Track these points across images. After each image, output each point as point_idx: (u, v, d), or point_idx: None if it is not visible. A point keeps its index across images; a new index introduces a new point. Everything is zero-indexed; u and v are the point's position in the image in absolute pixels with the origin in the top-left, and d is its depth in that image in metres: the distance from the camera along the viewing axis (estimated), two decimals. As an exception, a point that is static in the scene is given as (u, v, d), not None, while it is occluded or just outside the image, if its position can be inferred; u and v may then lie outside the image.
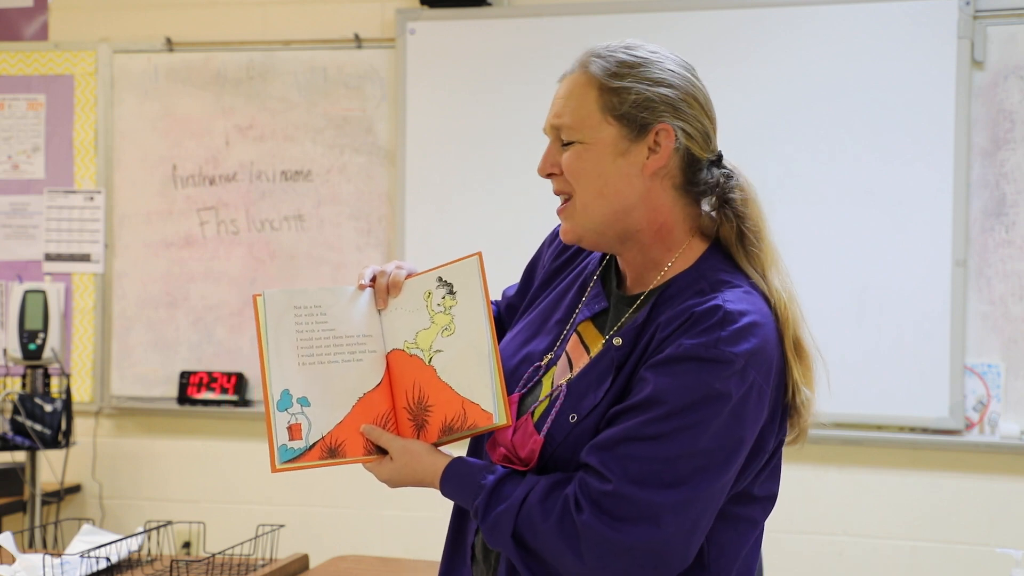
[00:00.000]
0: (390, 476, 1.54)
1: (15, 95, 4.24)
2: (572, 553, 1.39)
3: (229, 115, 4.09)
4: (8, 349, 3.83)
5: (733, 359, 1.39)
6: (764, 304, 1.49)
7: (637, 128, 1.48)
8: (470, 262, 1.55)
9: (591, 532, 1.38)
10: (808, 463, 3.65)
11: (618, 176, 1.49)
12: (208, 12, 4.13)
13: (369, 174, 4.00)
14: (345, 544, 3.79)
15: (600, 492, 1.38)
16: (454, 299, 1.54)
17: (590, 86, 1.50)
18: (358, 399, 1.55)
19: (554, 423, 1.48)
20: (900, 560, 3.60)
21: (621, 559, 1.38)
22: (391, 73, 3.95)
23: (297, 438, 1.52)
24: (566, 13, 3.80)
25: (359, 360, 1.56)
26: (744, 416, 1.40)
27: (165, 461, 4.14)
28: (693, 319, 1.42)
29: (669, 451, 1.38)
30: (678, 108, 1.50)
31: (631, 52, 1.51)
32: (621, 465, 1.38)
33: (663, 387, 1.40)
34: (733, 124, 3.67)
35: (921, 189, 3.53)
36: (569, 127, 1.50)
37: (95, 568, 2.33)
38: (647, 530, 1.37)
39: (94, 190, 4.17)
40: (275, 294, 1.56)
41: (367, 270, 1.62)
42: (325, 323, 1.56)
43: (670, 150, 1.48)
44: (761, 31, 3.66)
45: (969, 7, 3.50)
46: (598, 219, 1.50)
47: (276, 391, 1.52)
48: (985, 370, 3.51)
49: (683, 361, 1.40)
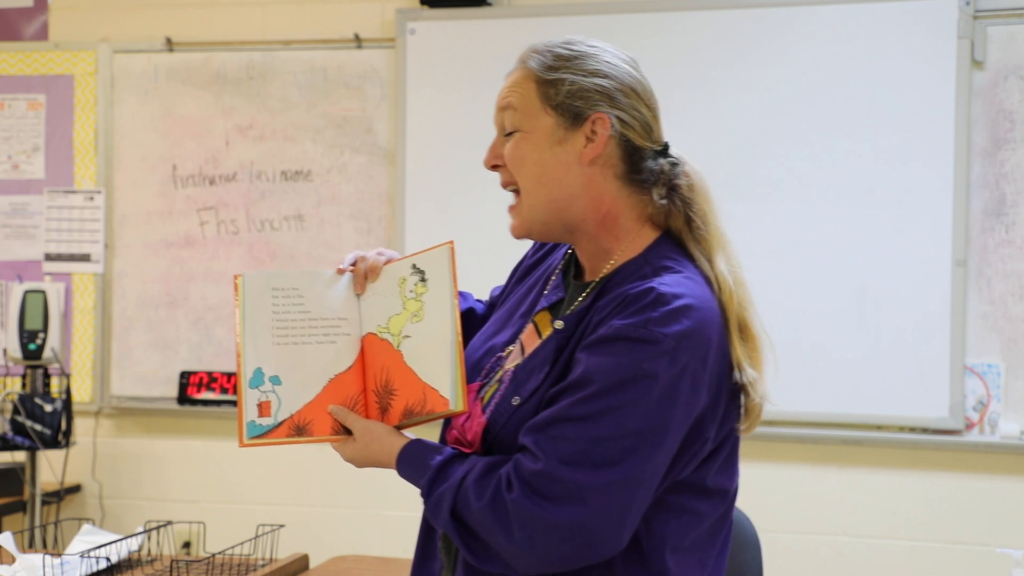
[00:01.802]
0: (353, 456, 1.59)
1: (15, 95, 4.24)
2: (504, 532, 1.41)
3: (229, 115, 4.09)
4: (8, 349, 3.83)
5: (662, 339, 1.40)
6: (706, 290, 1.50)
7: (572, 117, 1.52)
8: (442, 251, 1.58)
9: (519, 511, 1.39)
10: (808, 463, 3.65)
11: (556, 164, 1.53)
12: (208, 12, 4.13)
13: (369, 174, 4.00)
14: (345, 544, 3.79)
15: (531, 472, 1.40)
16: (425, 286, 1.58)
17: (529, 79, 1.55)
18: (329, 380, 1.59)
19: (497, 406, 1.52)
20: (900, 560, 3.60)
21: (549, 538, 1.39)
22: (391, 73, 3.95)
23: (266, 415, 1.57)
24: (566, 13, 3.80)
25: (332, 342, 1.60)
26: (675, 399, 1.41)
27: (165, 461, 4.14)
28: (627, 300, 1.45)
29: (598, 431, 1.40)
30: (614, 98, 1.53)
31: (568, 46, 1.56)
32: (553, 445, 1.40)
33: (593, 367, 1.42)
34: (733, 124, 3.68)
35: (921, 189, 3.53)
36: (510, 118, 1.55)
37: (95, 568, 2.33)
38: (574, 510, 1.38)
39: (94, 190, 4.17)
40: (254, 275, 1.61)
41: (349, 255, 1.66)
42: (301, 305, 1.61)
43: (606, 138, 1.52)
44: (761, 31, 3.66)
45: (969, 7, 3.50)
46: (541, 208, 1.54)
47: (249, 369, 1.57)
48: (985, 370, 3.51)
49: (613, 341, 1.42)
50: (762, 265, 3.62)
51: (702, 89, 3.68)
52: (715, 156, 3.67)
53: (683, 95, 3.70)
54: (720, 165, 3.67)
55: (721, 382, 1.47)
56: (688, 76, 3.69)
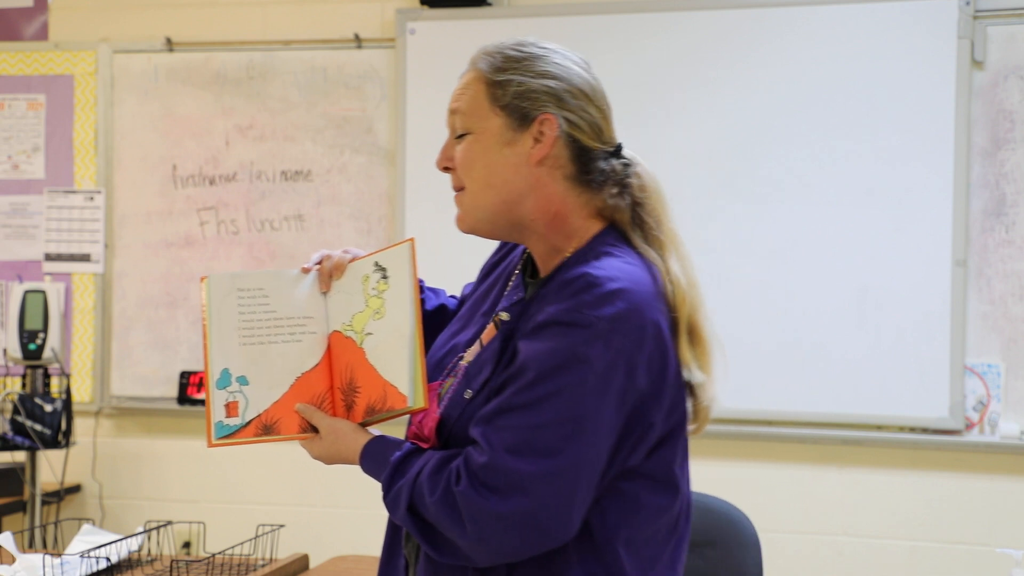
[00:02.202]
0: (320, 454, 1.60)
1: (15, 95, 4.24)
2: (457, 526, 1.42)
3: (229, 115, 4.09)
4: (8, 349, 3.83)
5: (594, 323, 1.41)
6: (644, 274, 1.50)
7: (520, 118, 1.53)
8: (403, 248, 1.60)
9: (468, 504, 1.40)
10: (808, 463, 3.65)
11: (505, 165, 1.54)
12: (208, 12, 4.13)
13: (369, 174, 4.00)
14: (345, 544, 3.79)
15: (478, 465, 1.41)
16: (387, 283, 1.59)
17: (478, 81, 1.57)
18: (296, 379, 1.61)
19: (450, 400, 1.53)
20: (900, 560, 3.60)
21: (497, 529, 1.40)
22: (391, 73, 3.95)
23: (234, 415, 1.59)
24: (566, 13, 3.80)
25: (298, 341, 1.62)
26: (611, 382, 1.41)
27: (165, 461, 4.14)
28: (562, 287, 1.46)
29: (538, 419, 1.40)
30: (562, 99, 1.54)
31: (518, 48, 1.57)
32: (498, 436, 1.41)
33: (529, 354, 1.43)
34: (733, 124, 3.68)
35: (921, 189, 3.53)
36: (461, 119, 1.56)
37: (95, 568, 2.33)
38: (518, 500, 1.39)
39: (94, 190, 4.17)
40: (219, 277, 1.62)
41: (315, 254, 1.68)
42: (267, 305, 1.62)
43: (553, 139, 1.53)
44: (761, 31, 3.66)
45: (969, 7, 3.50)
46: (488, 209, 1.56)
47: (216, 370, 1.59)
48: (985, 370, 3.51)
49: (548, 327, 1.43)
50: (762, 265, 3.63)
51: (702, 89, 3.68)
52: (715, 156, 3.67)
53: (683, 95, 3.70)
54: (720, 165, 3.67)
55: (664, 367, 1.46)
56: (688, 76, 3.69)
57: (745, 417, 3.64)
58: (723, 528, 2.24)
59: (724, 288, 3.63)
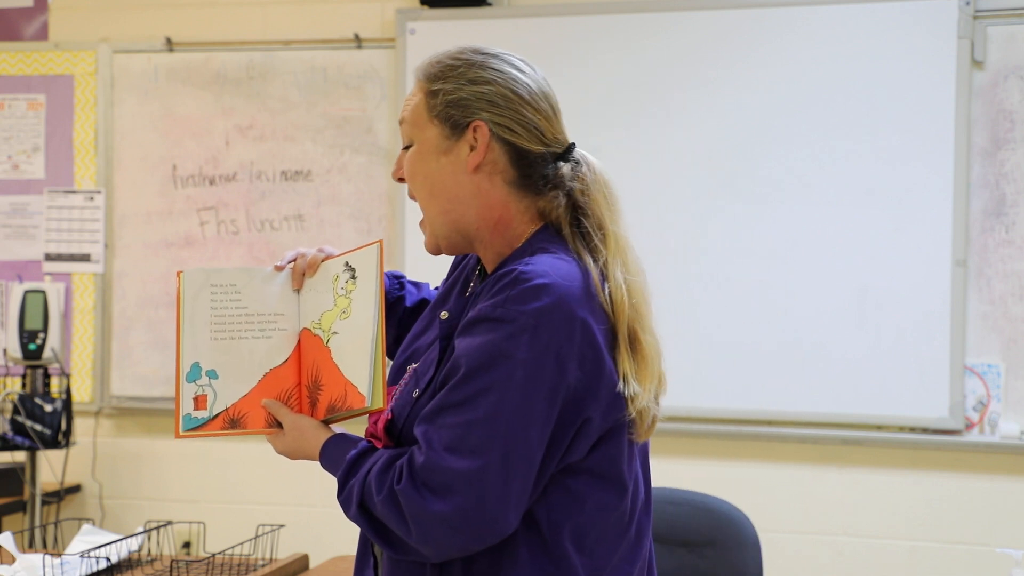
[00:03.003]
0: (284, 449, 1.62)
1: (15, 95, 4.24)
2: (402, 524, 1.42)
3: (229, 115, 4.09)
4: (8, 349, 3.83)
5: (518, 317, 1.41)
6: (574, 269, 1.48)
7: (452, 126, 1.54)
8: (371, 249, 1.62)
9: (408, 502, 1.41)
10: (808, 463, 3.65)
11: (443, 174, 1.55)
12: (208, 12, 4.13)
13: (369, 174, 4.00)
14: (345, 544, 3.78)
15: (418, 464, 1.41)
16: (355, 284, 1.61)
17: (419, 91, 1.60)
18: (264, 374, 1.64)
19: (398, 400, 1.55)
20: (900, 560, 3.60)
21: (438, 527, 1.40)
22: (391, 73, 3.95)
23: (202, 408, 1.62)
24: (566, 13, 3.80)
25: (268, 337, 1.65)
26: (541, 376, 1.40)
27: (165, 461, 4.14)
28: (492, 283, 1.46)
29: (471, 415, 1.40)
30: (495, 104, 1.53)
31: (456, 56, 1.59)
32: (437, 435, 1.42)
33: (461, 350, 1.44)
34: (733, 124, 3.68)
35: (921, 189, 3.53)
36: (406, 130, 1.59)
37: (95, 568, 2.33)
38: (455, 499, 1.39)
39: (94, 190, 4.17)
40: (194, 272, 1.65)
41: (289, 252, 1.70)
42: (239, 301, 1.65)
43: (486, 145, 1.53)
44: (761, 31, 3.66)
45: (969, 7, 3.50)
46: (439, 222, 1.57)
47: (187, 363, 1.62)
48: (985, 370, 3.51)
49: (477, 323, 1.44)
50: (762, 265, 3.63)
51: (702, 89, 3.68)
52: (715, 156, 3.67)
53: (683, 95, 3.70)
54: (720, 165, 3.67)
55: (597, 361, 1.44)
56: (688, 76, 3.69)
57: (745, 417, 3.64)
58: (723, 528, 2.24)
59: (724, 288, 3.63)
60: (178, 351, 1.62)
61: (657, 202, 3.69)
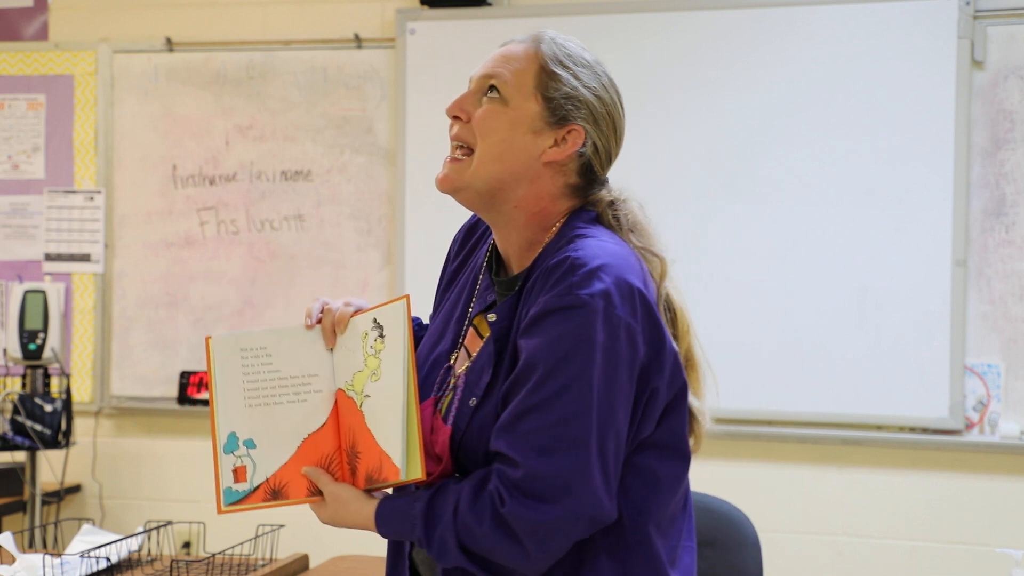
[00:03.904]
0: (327, 519, 1.57)
1: (15, 95, 4.24)
2: (514, 546, 1.40)
3: (229, 115, 4.09)
4: (8, 349, 3.83)
5: (588, 301, 1.40)
6: (623, 248, 1.51)
7: (554, 115, 1.53)
8: (398, 305, 1.54)
9: (520, 521, 1.38)
10: (808, 463, 3.65)
11: (520, 149, 1.53)
12: (208, 12, 4.13)
13: (369, 174, 4.00)
14: (345, 544, 3.78)
15: (515, 479, 1.39)
16: (383, 343, 1.54)
17: (534, 61, 1.55)
18: (302, 440, 1.57)
19: (457, 411, 1.51)
20: (900, 560, 3.60)
21: (557, 537, 1.39)
22: (391, 73, 3.95)
23: (242, 480, 1.56)
24: (566, 13, 3.80)
25: (304, 400, 1.58)
26: (618, 356, 1.41)
27: (165, 461, 4.14)
28: (546, 275, 1.45)
29: (559, 412, 1.39)
30: (597, 120, 1.55)
31: (583, 51, 1.58)
32: (524, 442, 1.40)
33: (533, 350, 1.42)
34: (733, 124, 3.68)
35: (921, 189, 3.53)
36: (502, 83, 1.54)
37: (95, 568, 2.33)
38: (568, 501, 1.38)
39: (94, 190, 4.17)
40: (223, 338, 1.58)
41: (315, 305, 1.62)
42: (271, 364, 1.58)
43: (573, 151, 1.54)
44: (761, 31, 3.66)
45: (969, 7, 3.50)
46: (485, 179, 1.54)
47: (223, 434, 1.55)
48: (985, 370, 3.51)
49: (544, 317, 1.42)
50: (762, 265, 3.63)
51: (702, 89, 3.68)
52: (715, 156, 3.67)
53: (683, 95, 3.70)
54: (720, 165, 3.67)
55: (658, 332, 1.46)
56: (688, 76, 3.69)
57: (745, 417, 3.64)
58: (723, 528, 2.24)
59: (724, 288, 3.63)
60: (212, 421, 1.55)
61: (657, 202, 3.63)
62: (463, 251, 1.73)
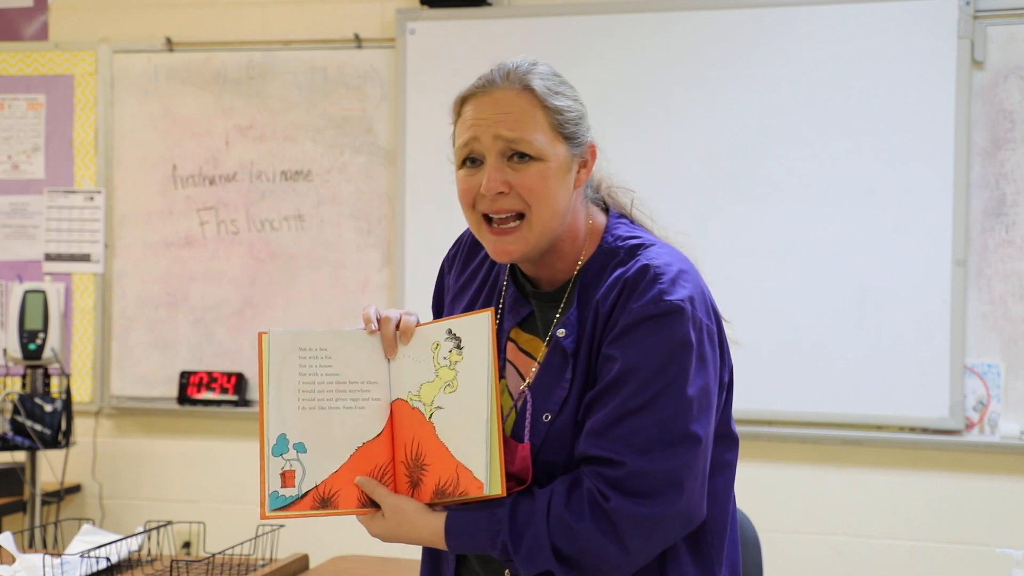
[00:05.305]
0: (380, 532, 1.52)
1: (15, 95, 4.24)
2: (614, 544, 1.41)
3: (229, 115, 4.09)
4: (8, 349, 3.83)
5: (678, 307, 1.44)
6: (679, 251, 1.56)
7: (574, 144, 1.53)
8: (481, 318, 1.50)
9: (625, 517, 1.40)
10: (808, 463, 3.65)
11: (566, 193, 1.53)
12: (208, 12, 4.13)
13: (369, 174, 4.00)
14: (345, 544, 3.78)
15: (617, 476, 1.41)
16: (460, 354, 1.50)
17: (536, 106, 1.51)
18: (356, 448, 1.51)
19: (532, 428, 1.49)
20: (900, 560, 3.60)
21: (658, 533, 1.42)
22: (391, 73, 3.95)
23: (289, 485, 1.49)
24: (566, 13, 3.80)
25: (361, 408, 1.52)
26: (705, 356, 1.46)
27: (165, 461, 4.14)
28: (629, 285, 1.47)
29: (661, 414, 1.42)
30: (588, 124, 1.57)
31: (552, 70, 1.56)
32: (624, 443, 1.41)
33: (631, 357, 1.44)
34: (733, 124, 3.68)
35: (921, 189, 3.53)
36: (528, 145, 1.49)
37: (95, 568, 2.33)
38: (673, 496, 1.41)
39: (94, 190, 4.17)
40: (281, 334, 1.52)
41: (371, 310, 1.57)
42: (330, 367, 1.52)
43: (594, 163, 1.57)
44: (761, 31, 3.66)
45: (969, 7, 3.49)
46: (549, 237, 1.52)
47: (272, 435, 1.49)
48: (985, 370, 3.51)
49: (639, 325, 1.44)
50: (762, 265, 3.63)
51: (702, 89, 3.68)
52: (715, 156, 3.67)
53: (683, 95, 3.70)
54: (720, 165, 3.67)
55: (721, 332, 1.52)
56: (688, 76, 3.69)
57: (745, 417, 3.63)
58: (723, 528, 2.24)
59: (724, 288, 3.60)
60: (261, 421, 1.48)
61: (657, 202, 3.63)
62: (468, 268, 1.70)
